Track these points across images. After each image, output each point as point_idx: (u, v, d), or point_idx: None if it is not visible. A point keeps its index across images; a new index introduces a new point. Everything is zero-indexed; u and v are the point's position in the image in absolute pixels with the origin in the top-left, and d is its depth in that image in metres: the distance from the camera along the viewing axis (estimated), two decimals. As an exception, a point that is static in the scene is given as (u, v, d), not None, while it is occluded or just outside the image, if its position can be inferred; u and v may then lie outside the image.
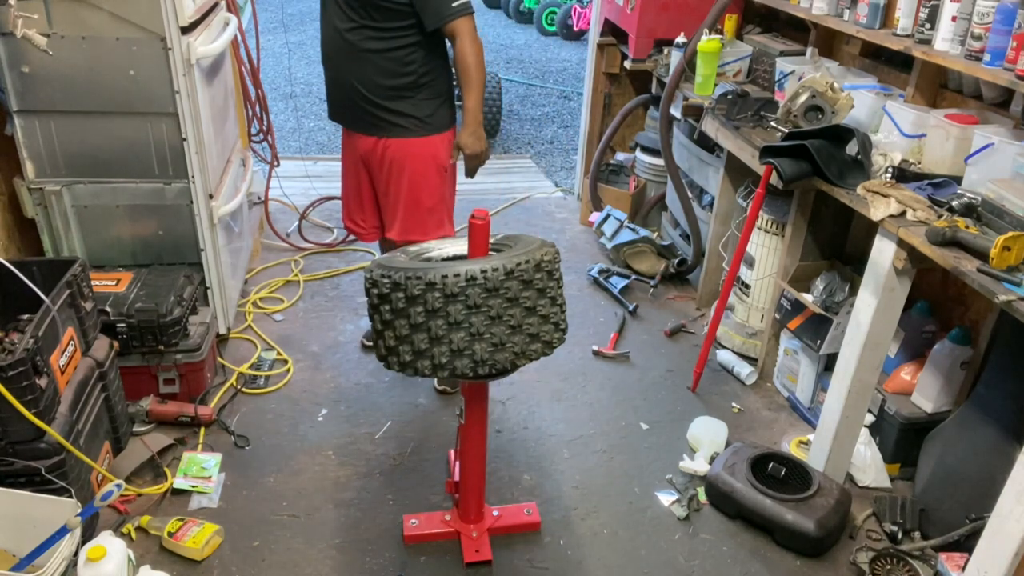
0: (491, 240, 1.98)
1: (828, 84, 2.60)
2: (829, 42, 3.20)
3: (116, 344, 2.46)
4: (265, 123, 3.71)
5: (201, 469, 2.43)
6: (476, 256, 1.90)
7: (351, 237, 4.01)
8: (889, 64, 2.87)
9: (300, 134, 5.97)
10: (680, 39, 3.39)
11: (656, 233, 4.00)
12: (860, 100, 2.63)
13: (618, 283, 3.63)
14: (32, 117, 2.54)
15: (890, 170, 2.36)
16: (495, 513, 2.32)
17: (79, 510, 1.84)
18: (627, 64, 3.91)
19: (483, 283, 1.73)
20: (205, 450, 2.55)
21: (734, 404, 2.93)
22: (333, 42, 2.60)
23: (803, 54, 3.18)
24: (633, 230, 3.80)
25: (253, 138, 3.83)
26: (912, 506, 2.34)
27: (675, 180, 3.58)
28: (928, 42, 2.36)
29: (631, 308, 3.48)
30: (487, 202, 4.52)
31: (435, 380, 2.89)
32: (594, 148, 4.31)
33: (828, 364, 2.69)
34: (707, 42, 3.19)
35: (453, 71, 2.64)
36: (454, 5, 2.44)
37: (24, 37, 2.28)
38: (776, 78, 3.14)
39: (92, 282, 2.38)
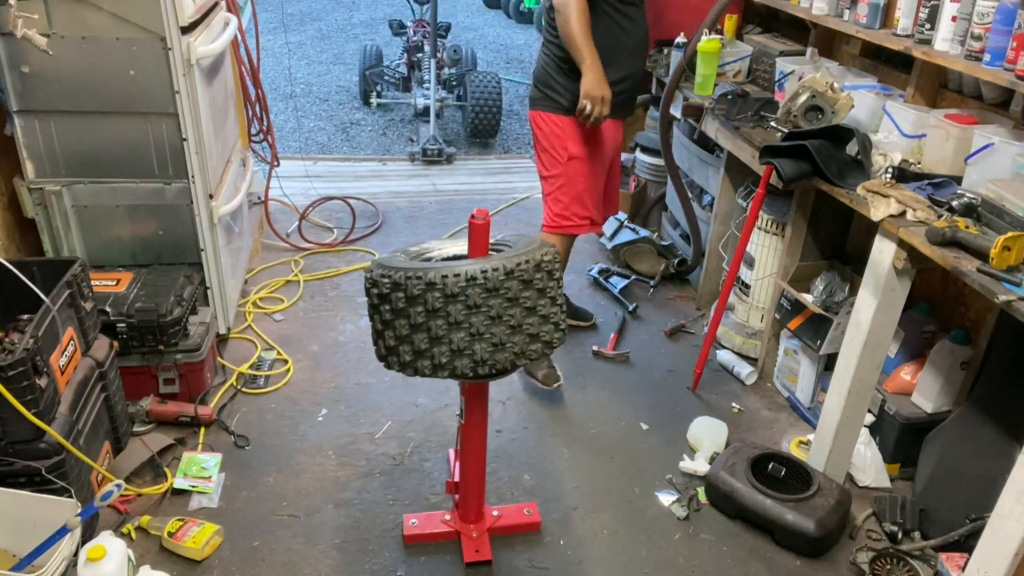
0: (491, 240, 1.98)
1: (828, 84, 2.60)
2: (829, 42, 3.19)
3: (116, 344, 2.46)
4: (265, 123, 3.71)
5: (201, 469, 2.43)
6: (476, 256, 1.90)
7: (352, 237, 4.02)
8: (889, 64, 2.87)
9: (300, 134, 5.98)
10: (680, 39, 3.39)
11: (656, 233, 4.00)
12: (860, 100, 2.63)
13: (618, 283, 3.63)
14: (32, 117, 2.54)
15: (890, 170, 2.36)
16: (495, 513, 2.32)
17: (79, 510, 1.84)
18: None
19: (483, 283, 1.73)
20: (205, 450, 2.55)
21: (734, 404, 2.93)
22: (645, 35, 2.88)
23: (803, 54, 3.18)
24: (633, 230, 3.80)
25: (253, 138, 3.83)
26: (912, 506, 2.34)
27: (675, 180, 3.58)
28: (928, 42, 2.36)
29: (631, 308, 3.48)
30: (487, 202, 4.52)
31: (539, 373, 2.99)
32: (594, 148, 4.30)
33: (828, 364, 2.69)
34: (707, 42, 3.19)
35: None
36: None
37: (24, 37, 2.28)
38: (776, 78, 3.14)
39: (92, 282, 2.38)
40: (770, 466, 2.46)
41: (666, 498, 2.47)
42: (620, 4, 2.72)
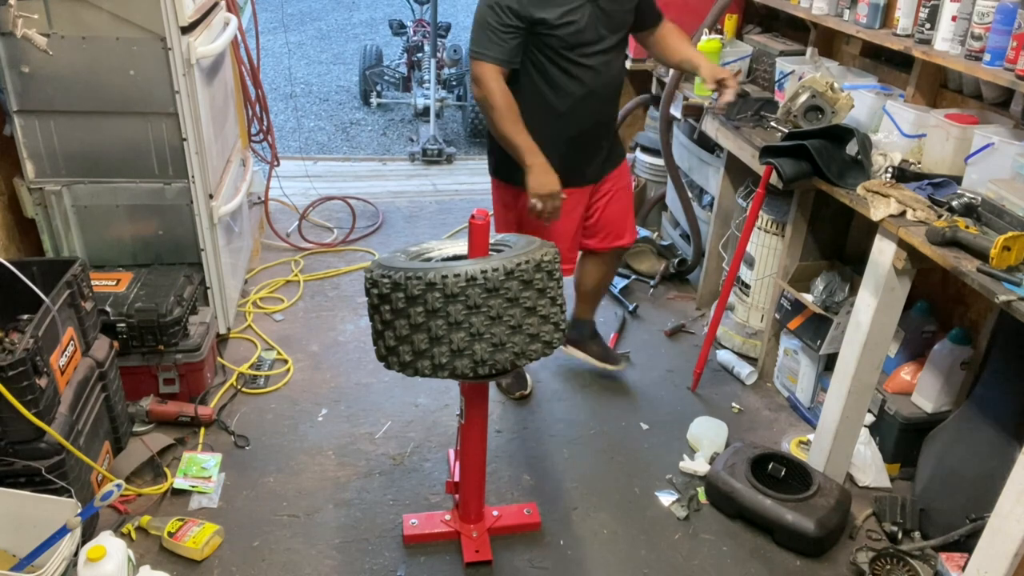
0: (491, 240, 1.98)
1: (828, 84, 2.60)
2: (829, 42, 3.19)
3: (116, 344, 2.46)
4: (265, 123, 3.71)
5: (201, 469, 2.43)
6: (476, 256, 1.90)
7: (352, 237, 4.02)
8: (889, 64, 2.87)
9: (300, 134, 5.98)
10: (680, 39, 3.39)
11: (656, 233, 4.00)
12: (860, 100, 2.63)
13: (618, 283, 3.62)
14: (32, 117, 2.54)
15: (890, 170, 2.36)
16: (495, 513, 2.32)
17: (79, 510, 1.84)
18: (627, 64, 3.90)
19: (483, 283, 1.73)
20: (205, 450, 2.55)
21: (734, 404, 2.93)
22: (609, 86, 2.47)
23: (803, 54, 3.18)
24: (633, 230, 3.80)
25: (253, 138, 3.83)
26: (912, 506, 2.34)
27: (675, 180, 3.58)
28: (928, 42, 2.36)
29: (631, 308, 3.48)
30: (487, 202, 4.49)
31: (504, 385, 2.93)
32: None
33: (828, 364, 2.69)
34: (707, 42, 3.19)
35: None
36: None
37: (24, 37, 2.28)
38: (776, 78, 3.14)
39: (92, 282, 2.38)
40: (770, 466, 2.46)
41: (666, 498, 2.47)
42: (570, 52, 2.32)
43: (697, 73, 2.59)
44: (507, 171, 2.52)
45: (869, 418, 2.54)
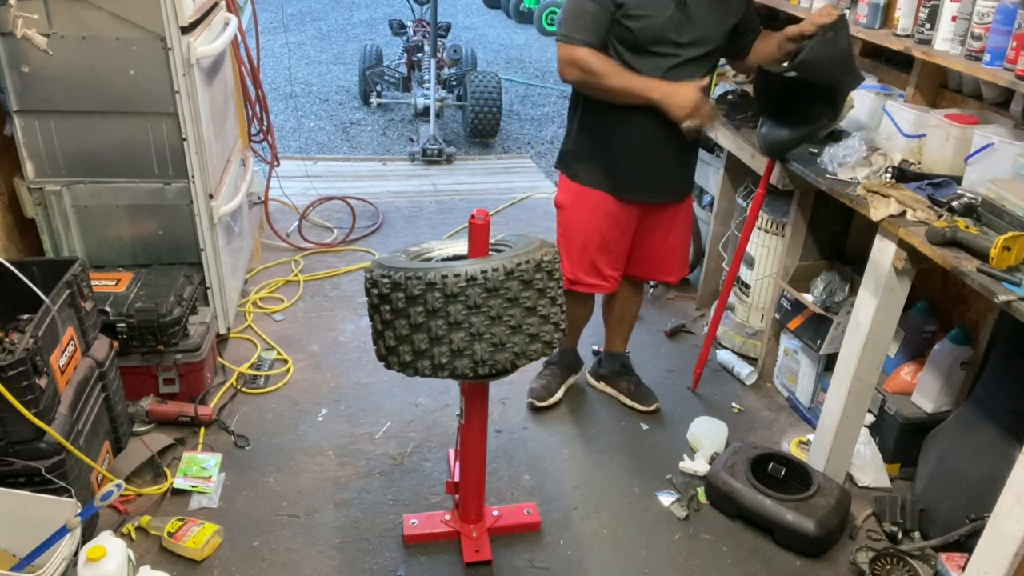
0: (491, 240, 1.98)
1: (828, 84, 2.59)
2: (829, 42, 3.19)
3: (116, 344, 2.46)
4: (265, 123, 3.71)
5: (201, 469, 2.43)
6: (476, 256, 1.90)
7: (352, 237, 4.02)
8: (889, 64, 2.87)
9: (300, 134, 5.98)
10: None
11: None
12: (860, 100, 2.63)
13: (618, 283, 3.62)
14: (32, 117, 2.54)
15: (890, 170, 2.36)
16: (495, 513, 2.32)
17: (79, 510, 1.84)
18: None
19: (483, 283, 1.73)
20: (205, 450, 2.55)
21: (734, 404, 2.93)
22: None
23: (803, 54, 3.17)
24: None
25: (253, 138, 3.83)
26: (912, 506, 2.34)
27: (675, 180, 3.58)
28: (928, 42, 2.36)
29: (631, 308, 3.47)
30: (487, 202, 4.52)
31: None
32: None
33: (828, 364, 2.69)
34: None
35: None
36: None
37: (24, 37, 2.28)
38: (776, 78, 3.13)
39: (92, 282, 2.38)
40: (770, 466, 2.46)
41: (666, 498, 2.47)
42: (639, 50, 2.25)
43: (804, 35, 2.29)
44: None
45: (869, 418, 2.54)
